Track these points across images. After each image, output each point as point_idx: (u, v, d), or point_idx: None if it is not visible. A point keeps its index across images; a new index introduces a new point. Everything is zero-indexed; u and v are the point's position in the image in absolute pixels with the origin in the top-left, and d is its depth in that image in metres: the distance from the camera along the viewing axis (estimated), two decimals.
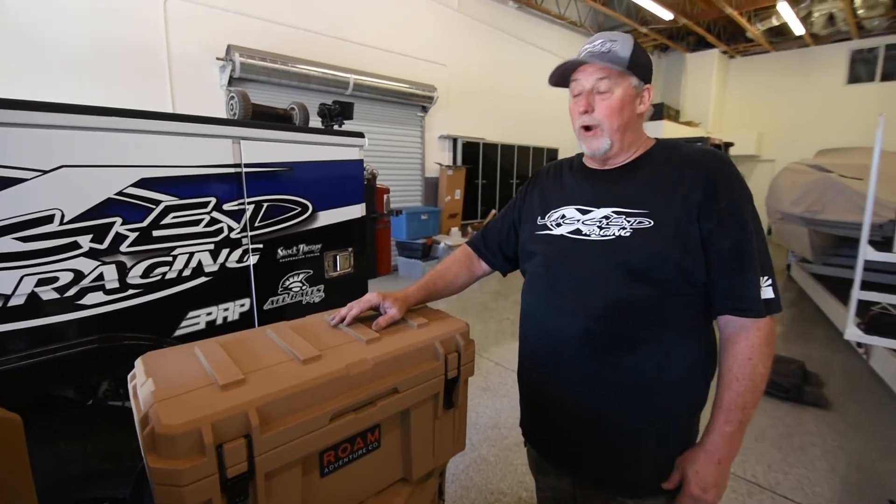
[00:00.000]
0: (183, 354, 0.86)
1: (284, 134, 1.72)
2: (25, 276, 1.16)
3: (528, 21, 8.51)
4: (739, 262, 0.85)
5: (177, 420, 0.65)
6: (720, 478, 0.88)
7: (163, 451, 0.64)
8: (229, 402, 0.70)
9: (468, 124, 7.55)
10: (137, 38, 4.14)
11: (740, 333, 0.87)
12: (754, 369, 0.85)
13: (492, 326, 4.43)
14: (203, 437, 0.65)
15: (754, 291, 0.85)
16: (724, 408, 0.87)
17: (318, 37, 5.42)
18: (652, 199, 0.90)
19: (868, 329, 2.99)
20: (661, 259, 0.87)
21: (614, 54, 0.90)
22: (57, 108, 1.18)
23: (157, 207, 1.38)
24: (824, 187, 4.57)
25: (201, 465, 0.65)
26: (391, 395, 0.89)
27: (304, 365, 0.82)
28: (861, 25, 9.35)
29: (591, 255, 0.93)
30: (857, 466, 2.32)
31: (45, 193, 1.17)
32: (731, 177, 0.88)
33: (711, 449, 0.88)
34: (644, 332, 0.90)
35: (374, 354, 0.88)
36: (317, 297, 1.92)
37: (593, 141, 0.95)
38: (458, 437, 1.10)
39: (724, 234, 0.85)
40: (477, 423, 2.67)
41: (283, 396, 0.74)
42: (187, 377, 0.77)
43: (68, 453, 1.22)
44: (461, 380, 1.03)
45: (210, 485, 0.66)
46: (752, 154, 11.28)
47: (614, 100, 0.91)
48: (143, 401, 0.71)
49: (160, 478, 0.64)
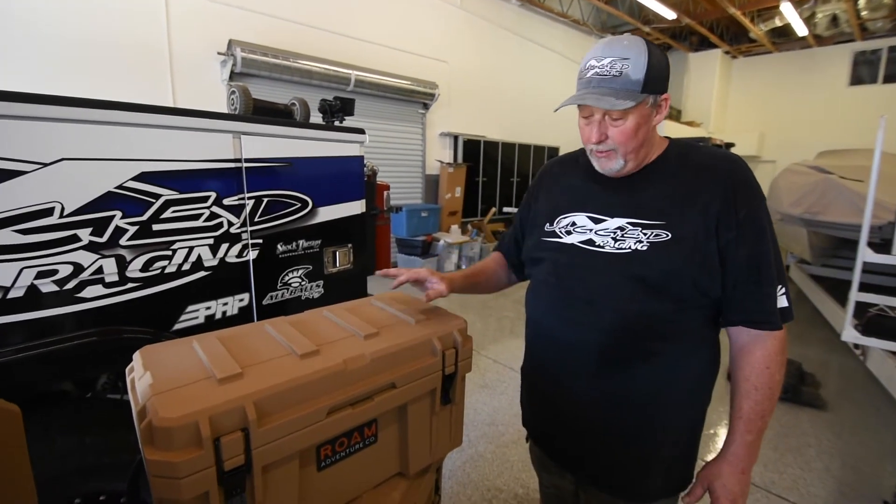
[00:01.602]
0: (181, 348, 0.87)
1: (285, 129, 1.72)
2: (25, 269, 1.16)
3: (531, 19, 8.49)
4: (757, 275, 0.83)
5: (174, 413, 0.65)
6: (745, 487, 0.88)
7: (160, 444, 0.65)
8: (227, 395, 0.70)
9: (469, 122, 7.54)
10: (139, 33, 4.13)
11: (756, 343, 0.85)
12: (772, 378, 0.84)
13: (491, 324, 4.43)
14: (200, 430, 0.65)
15: (772, 304, 0.83)
16: (745, 417, 0.86)
17: (319, 32, 5.41)
18: (669, 209, 0.87)
19: (865, 331, 3.00)
20: (678, 275, 0.84)
21: (626, 79, 0.81)
22: (58, 101, 1.17)
23: (156, 201, 1.38)
24: (824, 189, 4.57)
25: (198, 457, 0.65)
26: (388, 390, 0.90)
27: (302, 360, 0.83)
28: (864, 27, 9.32)
29: (605, 268, 0.90)
30: (851, 467, 2.33)
31: (46, 186, 1.17)
32: (749, 184, 0.85)
33: (734, 460, 0.87)
34: (657, 345, 0.88)
35: (372, 350, 0.88)
36: (316, 292, 1.92)
37: (606, 162, 0.91)
38: (455, 432, 1.11)
39: (743, 245, 0.83)
40: (475, 419, 2.68)
41: (280, 391, 0.74)
42: (185, 371, 0.77)
43: (66, 447, 1.22)
44: (458, 376, 1.03)
45: (207, 477, 0.67)
46: (753, 155, 11.27)
47: (629, 126, 0.85)
48: (141, 393, 0.72)
49: (157, 470, 0.64)
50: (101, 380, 1.57)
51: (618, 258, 0.89)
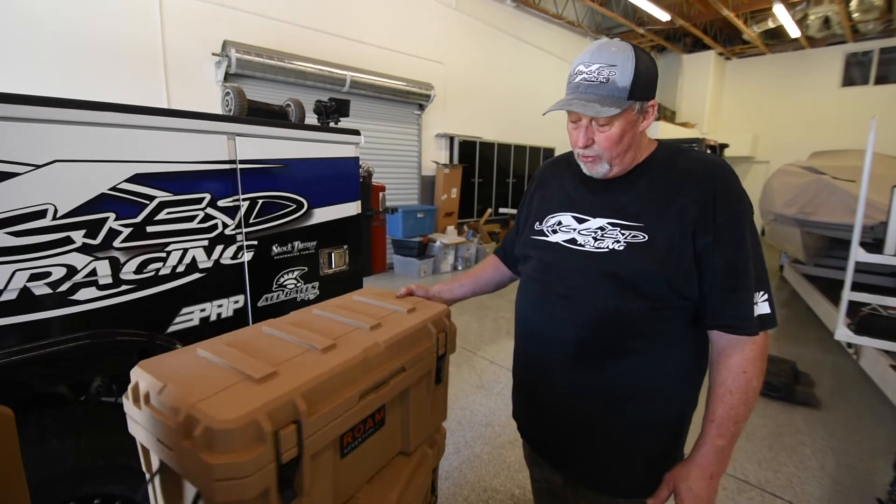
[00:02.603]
0: (186, 357, 0.85)
1: (280, 130, 1.72)
2: (18, 271, 1.15)
3: (526, 20, 8.51)
4: (734, 281, 0.83)
5: (232, 414, 0.65)
6: (712, 493, 0.87)
7: (221, 447, 0.65)
8: (275, 392, 0.72)
9: (465, 123, 7.55)
10: (133, 33, 4.11)
11: (734, 347, 0.85)
12: (748, 383, 0.84)
13: (487, 325, 4.43)
14: (262, 427, 0.66)
15: (747, 310, 0.83)
16: (717, 421, 0.85)
17: (315, 33, 5.40)
18: (648, 211, 0.88)
19: (858, 330, 3.02)
20: (651, 275, 0.85)
21: (613, 86, 0.82)
22: (50, 103, 1.17)
23: (150, 203, 1.37)
24: (817, 189, 4.61)
25: (262, 453, 0.66)
26: (399, 373, 0.96)
27: (324, 354, 0.86)
28: (856, 29, 9.42)
29: (583, 266, 0.93)
30: (846, 465, 2.35)
31: (38, 188, 1.16)
32: (731, 190, 0.85)
33: (704, 464, 0.86)
34: (633, 341, 0.90)
35: (384, 338, 0.94)
36: (311, 294, 1.92)
37: (592, 166, 0.93)
38: (443, 408, 1.22)
39: (720, 250, 0.83)
40: (471, 420, 2.68)
41: (320, 382, 0.78)
42: (212, 377, 0.76)
43: (61, 450, 1.21)
44: (447, 357, 1.15)
45: (269, 472, 0.68)
46: (746, 155, 11.36)
47: (614, 132, 0.86)
48: (174, 405, 0.70)
49: (222, 473, 0.64)
50: (96, 382, 1.56)
51: (595, 257, 0.91)
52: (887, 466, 2.25)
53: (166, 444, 0.71)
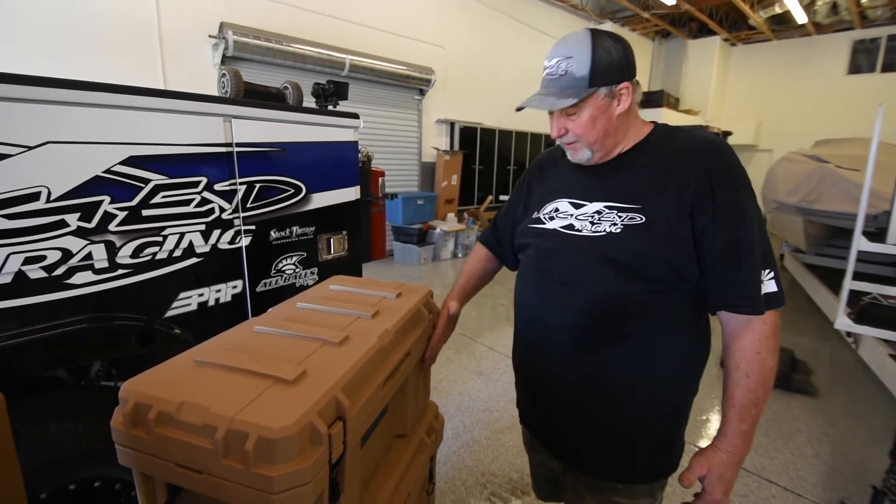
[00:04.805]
0: (182, 370, 0.77)
1: (277, 113, 1.69)
2: (12, 255, 1.14)
3: (529, 4, 8.36)
4: (737, 258, 0.82)
5: (286, 420, 0.62)
6: (735, 477, 0.88)
7: (281, 457, 0.61)
8: (316, 391, 0.69)
9: (466, 108, 7.46)
10: (128, 14, 4.03)
11: (745, 328, 0.84)
12: (763, 363, 0.82)
13: (486, 312, 4.44)
14: (318, 428, 0.64)
15: (752, 288, 0.82)
16: (738, 406, 0.84)
17: (313, 15, 5.31)
18: (645, 193, 0.88)
19: (858, 319, 3.02)
20: (650, 257, 0.84)
21: (570, 77, 0.85)
22: (43, 83, 1.14)
23: (146, 186, 1.35)
24: (820, 177, 4.58)
25: (320, 456, 0.65)
26: (406, 358, 0.97)
27: (341, 346, 0.84)
28: (864, 15, 9.25)
29: (580, 251, 0.92)
30: (841, 453, 2.37)
31: (31, 170, 1.14)
32: (729, 168, 0.84)
33: (732, 450, 0.86)
34: (632, 326, 0.89)
35: (390, 325, 0.95)
36: (310, 279, 1.91)
37: (575, 153, 0.96)
38: (428, 386, 1.24)
39: (720, 229, 0.82)
40: (470, 406, 2.70)
41: (352, 375, 0.76)
42: (232, 386, 0.71)
43: (60, 433, 1.21)
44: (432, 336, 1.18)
45: (324, 475, 0.67)
46: (750, 143, 11.26)
47: (584, 119, 0.89)
48: (206, 423, 0.64)
49: (285, 483, 0.61)
50: (95, 367, 1.56)
51: (592, 241, 0.91)
52: (883, 454, 2.26)
53: (196, 468, 0.65)
